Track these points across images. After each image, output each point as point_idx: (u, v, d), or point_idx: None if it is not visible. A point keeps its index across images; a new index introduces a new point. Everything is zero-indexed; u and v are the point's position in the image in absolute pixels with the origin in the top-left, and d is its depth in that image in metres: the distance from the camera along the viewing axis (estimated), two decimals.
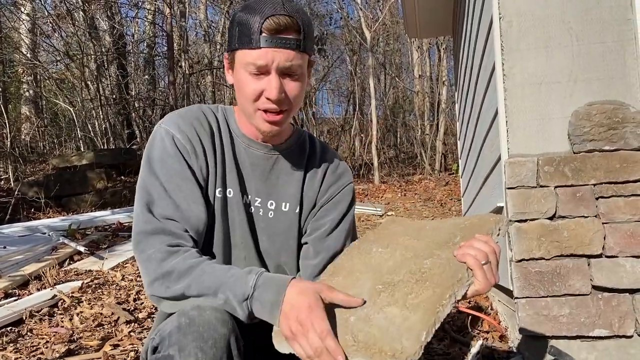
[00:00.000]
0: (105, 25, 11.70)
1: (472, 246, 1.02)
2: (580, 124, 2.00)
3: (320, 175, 1.35)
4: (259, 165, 1.28)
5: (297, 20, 1.11)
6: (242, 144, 1.27)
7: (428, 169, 12.52)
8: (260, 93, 1.14)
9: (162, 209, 1.14)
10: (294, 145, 1.33)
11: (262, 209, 1.28)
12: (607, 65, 2.02)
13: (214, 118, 1.27)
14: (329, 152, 1.40)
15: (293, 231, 1.31)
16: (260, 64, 1.11)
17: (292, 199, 1.30)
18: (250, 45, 1.11)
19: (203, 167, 1.21)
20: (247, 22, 1.11)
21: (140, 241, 1.13)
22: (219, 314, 1.00)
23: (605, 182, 1.97)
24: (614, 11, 2.03)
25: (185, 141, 1.19)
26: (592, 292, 1.96)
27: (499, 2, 2.11)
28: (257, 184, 1.28)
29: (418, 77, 15.28)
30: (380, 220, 6.84)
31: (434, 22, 5.46)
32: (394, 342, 0.87)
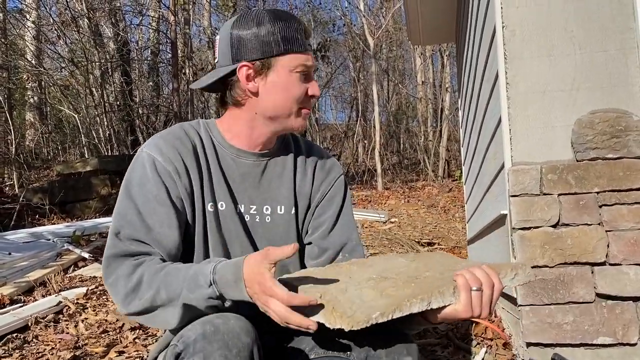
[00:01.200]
0: (110, 33, 11.77)
1: (471, 271, 1.02)
2: (584, 132, 2.01)
3: (310, 172, 1.38)
4: (250, 173, 1.30)
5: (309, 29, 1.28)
6: (230, 155, 1.29)
7: (431, 175, 12.53)
8: (306, 93, 1.24)
9: (133, 231, 1.16)
10: (280, 149, 1.36)
11: (259, 215, 1.30)
12: (609, 74, 2.04)
13: (196, 135, 1.28)
14: (315, 149, 1.43)
15: (292, 232, 1.33)
16: (309, 64, 1.23)
17: (286, 201, 1.33)
18: (301, 50, 1.22)
19: (187, 186, 1.22)
20: (290, 28, 1.21)
21: (108, 265, 1.15)
22: (242, 323, 1.01)
23: (608, 190, 1.97)
24: (616, 20, 2.04)
25: (167, 163, 1.20)
26: (596, 300, 1.96)
27: (502, 11, 2.12)
28: (250, 192, 1.29)
29: (421, 84, 15.32)
30: (383, 226, 6.85)
31: (437, 29, 5.48)
32: (349, 309, 0.92)
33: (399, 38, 16.48)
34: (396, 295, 0.95)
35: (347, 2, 16.29)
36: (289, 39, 1.20)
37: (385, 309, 0.90)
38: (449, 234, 6.50)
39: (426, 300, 0.95)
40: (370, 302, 0.93)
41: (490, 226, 2.87)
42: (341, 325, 0.90)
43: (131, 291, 1.10)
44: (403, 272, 1.08)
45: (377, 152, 11.92)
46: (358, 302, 0.94)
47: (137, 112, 11.69)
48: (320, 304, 0.95)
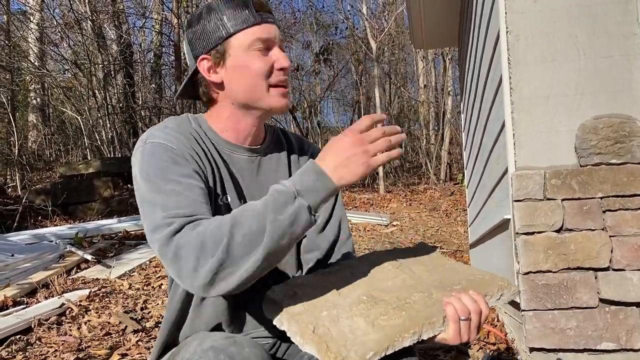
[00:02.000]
0: (113, 35, 11.81)
1: (459, 299, 1.02)
2: (587, 137, 2.01)
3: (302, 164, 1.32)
4: (246, 169, 1.26)
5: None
6: (226, 151, 1.23)
7: (433, 178, 12.53)
8: (271, 67, 1.15)
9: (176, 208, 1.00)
10: (272, 144, 1.33)
11: None
12: (613, 79, 2.04)
13: (192, 128, 1.20)
14: (305, 143, 1.41)
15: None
16: (266, 37, 1.14)
17: None
18: (251, 23, 1.14)
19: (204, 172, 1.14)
20: (235, 7, 1.14)
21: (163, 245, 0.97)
22: (257, 351, 0.99)
23: (612, 196, 1.97)
24: (620, 25, 2.04)
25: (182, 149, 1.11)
26: (600, 305, 1.96)
27: (506, 16, 2.13)
28: (250, 188, 1.26)
29: (423, 87, 15.32)
30: (385, 229, 6.85)
31: (439, 33, 5.49)
32: (343, 347, 0.92)
33: (401, 41, 16.50)
34: (388, 327, 0.97)
35: (350, 6, 16.33)
36: (235, 17, 1.14)
37: (378, 347, 0.92)
38: (451, 237, 6.50)
39: (417, 333, 0.97)
40: (363, 337, 0.95)
41: (493, 230, 2.87)
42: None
43: (200, 253, 0.92)
44: (392, 291, 1.09)
45: None
46: (351, 337, 0.95)
47: (140, 114, 11.72)
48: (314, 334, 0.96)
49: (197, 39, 1.18)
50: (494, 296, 1.10)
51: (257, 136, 1.27)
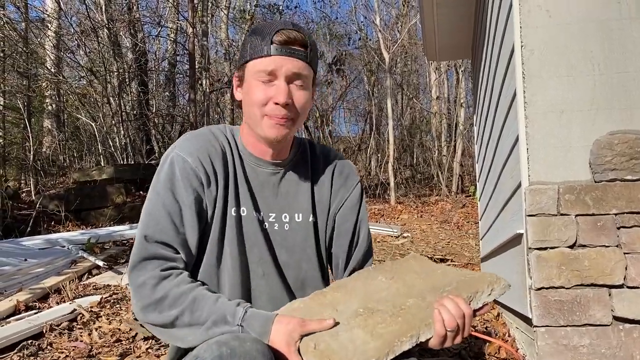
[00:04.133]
0: (129, 43, 11.95)
1: (444, 306, 1.07)
2: (602, 153, 2.00)
3: (328, 179, 1.40)
4: (269, 182, 1.33)
5: (304, 35, 1.22)
6: (251, 163, 1.32)
7: (445, 190, 12.47)
8: (269, 99, 1.21)
9: (161, 234, 1.19)
10: (297, 157, 1.38)
11: (277, 223, 1.32)
12: (629, 95, 2.03)
13: (225, 138, 1.32)
14: (331, 154, 1.45)
15: (310, 240, 1.35)
16: (270, 69, 1.19)
17: (304, 209, 1.35)
18: (262, 54, 1.20)
19: (213, 190, 1.25)
20: (258, 36, 1.21)
21: (134, 266, 1.18)
22: (259, 346, 1.02)
23: (627, 212, 1.96)
24: (636, 41, 2.04)
25: (197, 165, 1.23)
26: (613, 323, 1.94)
27: (521, 31, 2.13)
28: (269, 201, 1.32)
29: (435, 99, 15.30)
30: (396, 241, 6.82)
31: (453, 45, 5.50)
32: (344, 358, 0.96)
33: (413, 53, 16.51)
34: (386, 334, 1.00)
35: (363, 17, 16.40)
36: (253, 46, 1.22)
37: (379, 354, 0.95)
38: (462, 250, 6.46)
39: (415, 335, 1.00)
40: (363, 346, 0.98)
41: (505, 245, 2.85)
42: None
43: (154, 303, 1.13)
44: (387, 300, 1.12)
45: (391, 166, 11.91)
46: (351, 348, 0.98)
47: (153, 121, 11.82)
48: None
49: (240, 54, 1.29)
50: (485, 292, 1.12)
51: (280, 151, 1.33)
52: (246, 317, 1.09)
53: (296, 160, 1.38)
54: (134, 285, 1.17)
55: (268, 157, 1.32)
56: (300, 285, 1.33)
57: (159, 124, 12.23)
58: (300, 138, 1.44)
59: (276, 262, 1.31)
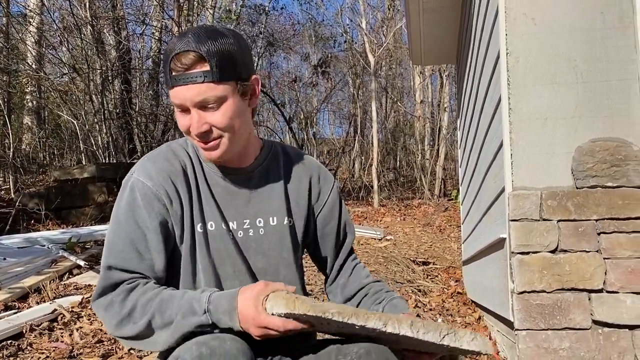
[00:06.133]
0: (112, 41, 11.83)
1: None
2: (584, 160, 2.04)
3: (304, 182, 1.40)
4: (238, 189, 1.31)
5: (201, 53, 1.13)
6: (217, 173, 1.30)
7: (427, 193, 12.56)
8: (189, 128, 1.18)
9: (125, 262, 1.18)
10: (267, 160, 1.37)
11: (252, 229, 1.31)
12: (611, 103, 2.07)
13: (185, 154, 1.30)
14: (305, 158, 1.45)
15: (286, 243, 1.34)
16: (177, 103, 1.17)
17: (278, 212, 1.34)
18: (168, 86, 1.18)
19: (178, 210, 1.23)
20: (164, 62, 1.18)
21: (99, 294, 1.18)
22: (239, 344, 1.03)
23: (607, 218, 2.00)
24: (619, 51, 2.08)
25: (158, 187, 1.22)
26: (593, 327, 1.98)
27: (506, 38, 2.16)
28: (240, 208, 1.30)
29: (419, 102, 15.42)
30: (379, 244, 6.85)
31: (438, 50, 5.55)
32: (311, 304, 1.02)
33: (398, 56, 16.61)
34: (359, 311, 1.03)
35: (349, 20, 16.46)
36: (164, 73, 1.19)
37: (343, 310, 0.99)
38: (444, 253, 6.51)
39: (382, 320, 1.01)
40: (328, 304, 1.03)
41: (487, 248, 2.88)
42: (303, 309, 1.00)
43: (126, 316, 1.13)
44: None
45: (374, 169, 11.96)
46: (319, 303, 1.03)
47: (136, 120, 11.71)
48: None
49: None
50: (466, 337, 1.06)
51: (240, 159, 1.31)
52: (212, 299, 1.09)
53: (268, 164, 1.37)
54: (101, 309, 1.17)
55: (232, 165, 1.31)
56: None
57: (142, 122, 12.10)
58: (271, 141, 1.43)
59: (252, 271, 1.30)
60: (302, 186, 1.39)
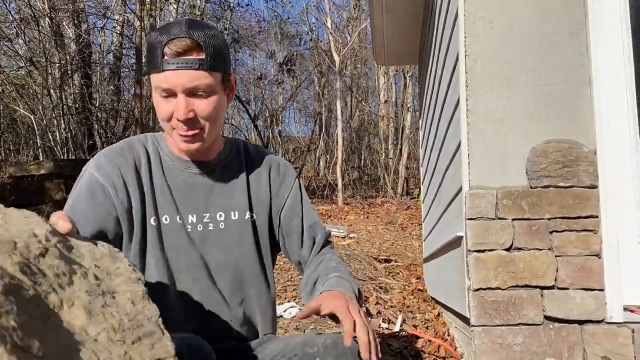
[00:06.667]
0: (72, 34, 11.51)
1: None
2: (538, 161, 2.10)
3: (265, 178, 1.41)
4: (199, 182, 1.32)
5: (198, 40, 1.15)
6: (178, 167, 1.31)
7: (390, 192, 12.70)
8: (172, 114, 1.19)
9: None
10: (229, 155, 1.38)
11: (212, 223, 1.31)
12: (564, 106, 2.14)
13: (143, 149, 1.30)
14: (267, 154, 1.46)
15: (247, 237, 1.35)
16: (165, 87, 1.16)
17: (240, 207, 1.35)
18: (157, 70, 1.16)
19: (125, 202, 1.24)
20: (153, 46, 1.17)
21: None
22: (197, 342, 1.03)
23: (559, 217, 2.06)
24: (572, 56, 2.15)
25: (105, 178, 1.23)
26: (545, 322, 2.04)
27: (465, 41, 2.21)
28: (202, 202, 1.31)
29: (384, 102, 15.56)
30: (342, 242, 6.89)
31: (401, 51, 5.61)
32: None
33: (363, 56, 16.73)
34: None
35: (315, 18, 16.47)
36: (149, 58, 1.18)
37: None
38: (406, 251, 6.60)
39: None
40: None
41: (446, 246, 2.94)
42: None
43: None
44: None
45: (339, 167, 12.03)
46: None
47: (97, 116, 11.44)
48: None
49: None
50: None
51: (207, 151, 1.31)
52: None
53: (230, 159, 1.38)
54: None
55: (196, 158, 1.32)
56: (238, 285, 1.33)
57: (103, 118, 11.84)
58: (233, 138, 1.45)
59: (208, 265, 1.29)
60: (263, 181, 1.40)
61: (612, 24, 2.13)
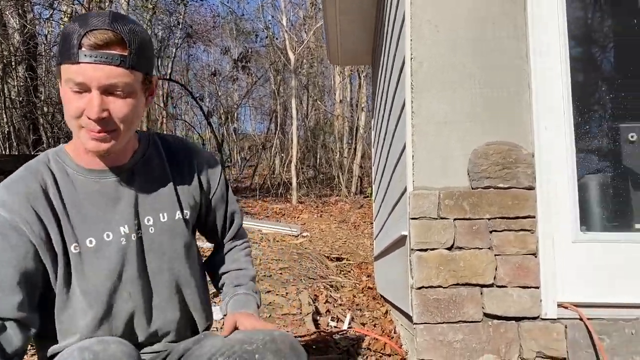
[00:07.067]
0: (16, 24, 11.05)
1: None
2: (479, 162, 2.16)
3: (191, 170, 1.35)
4: (120, 190, 1.23)
5: (122, 35, 1.06)
6: (92, 179, 1.21)
7: (344, 191, 12.79)
8: (82, 111, 1.08)
9: None
10: (146, 153, 1.30)
11: (142, 229, 1.24)
12: (505, 110, 2.21)
13: (47, 171, 1.19)
14: (188, 145, 1.40)
15: (179, 238, 1.30)
16: (78, 81, 1.06)
17: (168, 207, 1.29)
18: (70, 60, 1.05)
19: (42, 235, 1.13)
20: (69, 35, 1.06)
21: None
22: (125, 347, 1.00)
23: (498, 217, 2.13)
24: (513, 60, 2.22)
25: (14, 215, 1.11)
26: (484, 320, 2.10)
27: (411, 44, 2.24)
28: (126, 212, 1.22)
29: (339, 102, 15.65)
30: (295, 240, 6.89)
31: (355, 51, 5.66)
32: None
33: (320, 55, 16.76)
34: None
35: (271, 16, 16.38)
36: (64, 47, 1.07)
37: None
38: (358, 249, 6.67)
39: None
40: None
41: (393, 245, 2.99)
42: None
43: None
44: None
45: (294, 166, 12.02)
46: None
47: (42, 109, 11.02)
48: None
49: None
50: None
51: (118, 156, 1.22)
52: None
53: (148, 157, 1.29)
54: None
55: (109, 164, 1.22)
56: (175, 287, 1.30)
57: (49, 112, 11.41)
58: (146, 132, 1.35)
59: (141, 278, 1.23)
60: (190, 176, 1.34)
61: (551, 31, 2.22)
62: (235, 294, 1.39)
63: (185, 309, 1.33)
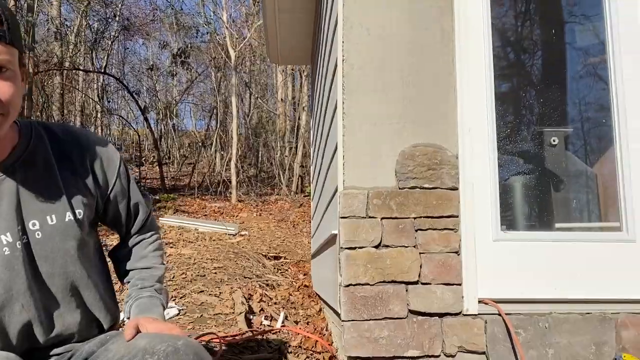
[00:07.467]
0: None
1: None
2: (406, 163, 2.22)
3: (84, 164, 1.24)
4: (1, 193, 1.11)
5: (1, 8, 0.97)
6: None
7: (285, 190, 12.79)
8: None
9: None
10: (29, 146, 1.17)
11: (28, 234, 1.14)
12: (432, 112, 2.28)
13: None
14: (78, 135, 1.27)
15: (71, 240, 1.20)
16: None
17: (57, 208, 1.17)
18: None
19: None
20: None
21: None
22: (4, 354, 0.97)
23: (423, 216, 2.20)
24: (441, 65, 2.29)
25: None
26: (409, 316, 2.17)
27: (343, 45, 2.28)
28: (6, 218, 1.11)
29: (281, 100, 15.64)
30: (232, 240, 6.83)
31: (294, 50, 5.68)
32: None
33: (262, 52, 16.68)
34: None
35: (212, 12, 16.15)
36: None
37: None
38: (296, 248, 6.69)
39: None
40: None
41: (326, 244, 3.02)
42: None
43: None
44: None
45: (234, 164, 11.90)
46: None
47: None
48: None
49: None
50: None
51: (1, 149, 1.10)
52: None
53: (31, 151, 1.16)
54: None
55: None
56: (72, 290, 1.23)
57: None
58: (26, 122, 1.20)
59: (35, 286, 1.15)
60: (82, 171, 1.23)
61: (477, 36, 2.31)
62: (138, 297, 1.32)
63: (85, 310, 1.26)
